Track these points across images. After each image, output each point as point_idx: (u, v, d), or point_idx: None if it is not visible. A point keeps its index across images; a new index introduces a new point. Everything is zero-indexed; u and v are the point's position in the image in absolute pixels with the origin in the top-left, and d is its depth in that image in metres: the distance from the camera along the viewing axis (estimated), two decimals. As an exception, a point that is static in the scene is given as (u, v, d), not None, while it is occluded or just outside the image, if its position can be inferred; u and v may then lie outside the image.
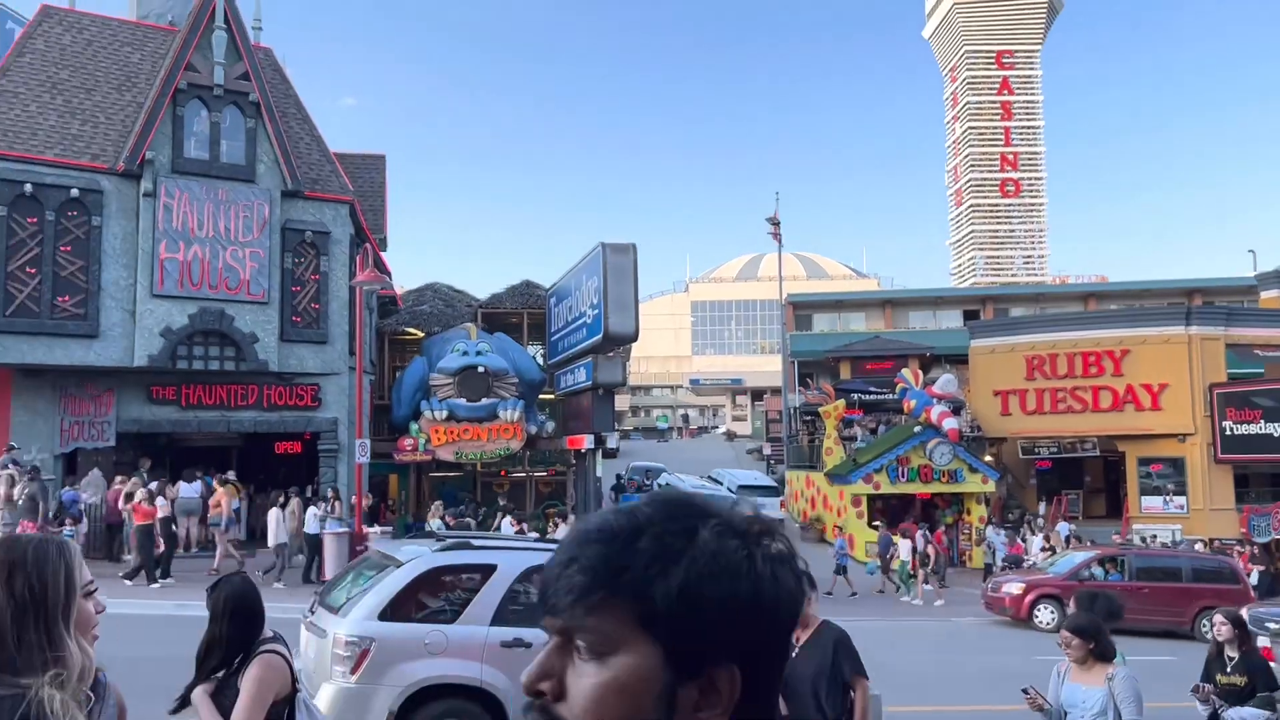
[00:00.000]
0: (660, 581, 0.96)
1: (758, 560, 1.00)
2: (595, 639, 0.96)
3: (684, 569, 0.96)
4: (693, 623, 0.96)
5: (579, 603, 0.97)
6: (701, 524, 1.00)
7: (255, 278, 20.86)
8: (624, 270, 23.92)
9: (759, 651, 1.00)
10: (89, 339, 19.55)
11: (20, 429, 19.76)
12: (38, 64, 20.59)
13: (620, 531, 0.99)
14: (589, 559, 0.98)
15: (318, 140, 22.90)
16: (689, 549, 0.98)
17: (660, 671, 0.95)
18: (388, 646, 7.07)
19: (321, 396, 22.19)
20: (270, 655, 3.61)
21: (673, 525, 1.00)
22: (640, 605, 0.96)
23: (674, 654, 0.95)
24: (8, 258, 18.97)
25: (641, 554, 0.97)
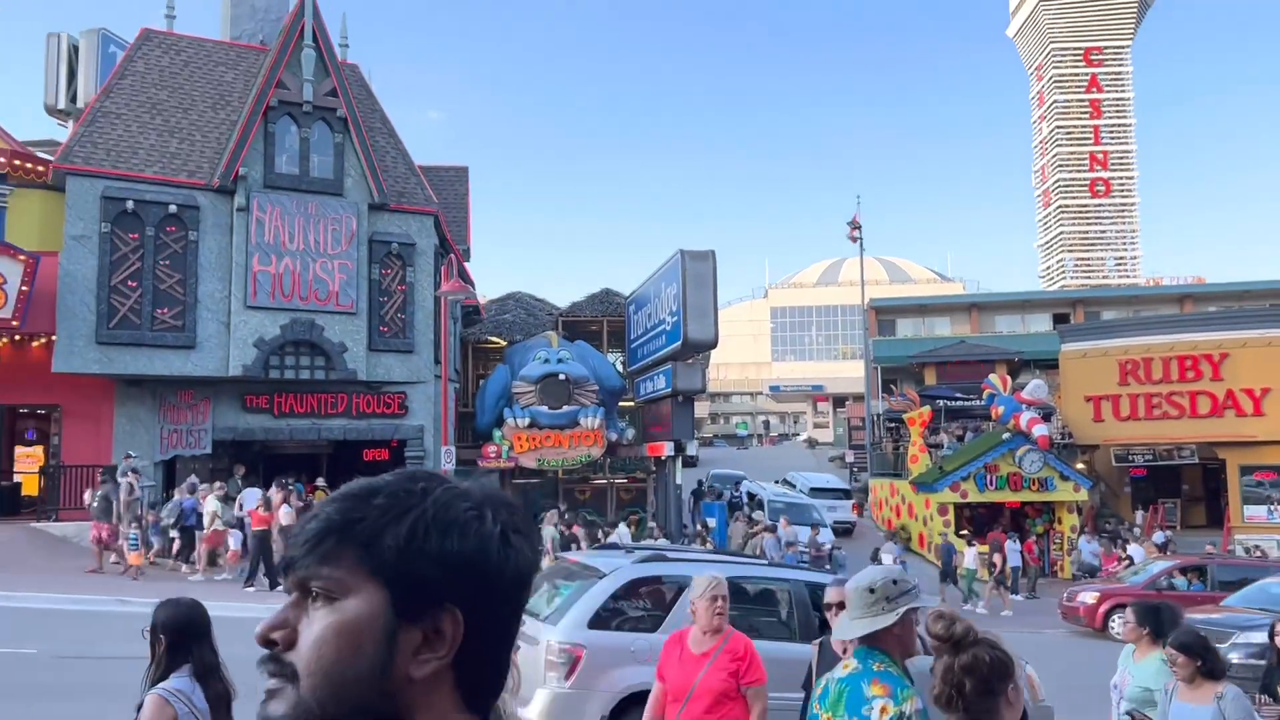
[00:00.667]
0: (390, 530, 1.01)
1: (487, 521, 1.06)
2: (327, 585, 1.01)
3: (412, 519, 1.02)
4: (418, 569, 1.01)
5: (313, 551, 1.02)
6: (437, 487, 1.07)
7: (344, 289, 21.36)
8: (703, 277, 23.88)
9: (484, 605, 1.04)
10: (187, 350, 20.25)
11: (123, 437, 20.56)
12: (138, 85, 21.43)
13: (360, 491, 1.05)
14: (327, 514, 1.04)
15: (403, 154, 23.37)
16: (420, 504, 1.04)
17: (383, 614, 0.99)
18: (598, 654, 7.33)
19: (408, 404, 22.61)
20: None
21: (410, 485, 1.06)
22: (369, 552, 1.01)
23: (399, 598, 1.00)
24: (111, 272, 19.77)
25: (375, 508, 1.03)
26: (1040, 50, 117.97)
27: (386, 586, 1.01)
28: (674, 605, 7.88)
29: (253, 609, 15.13)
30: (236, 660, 5.75)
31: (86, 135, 20.35)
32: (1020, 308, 47.82)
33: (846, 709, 3.11)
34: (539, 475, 27.68)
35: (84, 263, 19.56)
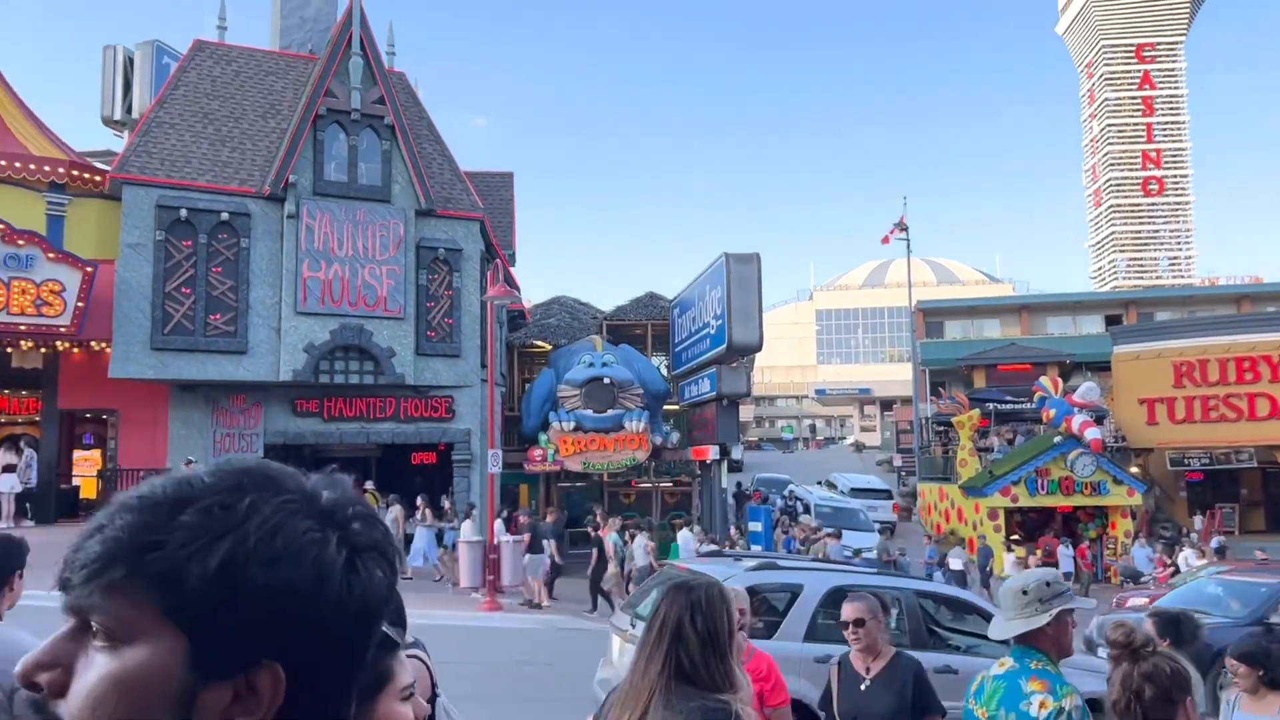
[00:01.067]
0: (197, 562, 0.81)
1: (331, 546, 0.86)
2: (110, 624, 0.81)
3: (228, 548, 0.81)
4: (230, 613, 0.81)
5: (94, 579, 0.81)
6: (269, 498, 0.86)
7: (392, 294, 21.61)
8: (747, 280, 23.81)
9: (319, 654, 0.85)
10: (238, 355, 20.60)
11: (177, 441, 20.96)
12: (191, 95, 21.86)
13: (164, 500, 0.84)
14: (117, 529, 0.83)
15: (449, 160, 23.58)
16: (242, 525, 0.83)
17: (179, 669, 0.80)
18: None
19: (455, 408, 22.79)
20: (411, 660, 3.69)
21: (230, 498, 0.85)
22: (166, 589, 0.80)
23: (203, 649, 0.81)
24: (165, 279, 20.17)
25: (181, 528, 0.82)
26: (1091, 47, 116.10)
27: (186, 633, 0.81)
28: (788, 613, 8.04)
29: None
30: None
31: (141, 145, 20.80)
32: (1071, 309, 47.06)
33: (1003, 704, 3.19)
34: (584, 478, 27.80)
35: (139, 270, 19.99)
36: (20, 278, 18.42)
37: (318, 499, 0.90)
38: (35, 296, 18.53)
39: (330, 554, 0.86)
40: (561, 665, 12.88)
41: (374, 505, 11.54)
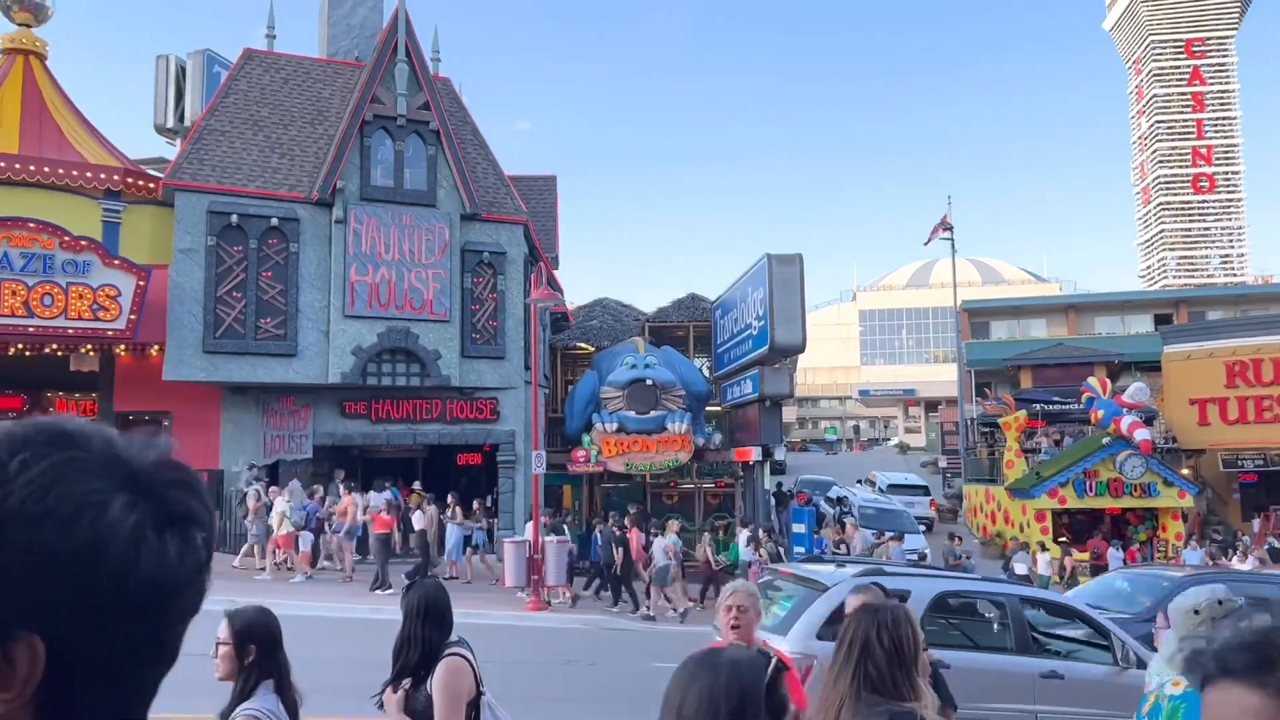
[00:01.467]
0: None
1: (114, 508, 0.78)
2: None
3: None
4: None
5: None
6: (49, 454, 0.78)
7: (437, 297, 21.86)
8: (790, 281, 23.75)
9: (91, 630, 0.77)
10: (288, 358, 20.96)
11: (229, 442, 21.38)
12: (241, 103, 22.29)
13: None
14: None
15: (493, 164, 23.81)
16: (7, 484, 0.76)
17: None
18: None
19: (499, 410, 23.01)
20: (454, 658, 3.76)
21: (9, 451, 0.78)
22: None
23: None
24: (217, 284, 20.59)
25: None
26: (1139, 43, 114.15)
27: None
28: None
29: (384, 610, 15.58)
30: (367, 663, 5.87)
31: (193, 152, 21.24)
32: (1120, 308, 46.36)
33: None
34: (627, 479, 27.87)
35: (191, 275, 20.42)
36: (78, 283, 18.90)
37: (122, 461, 0.81)
38: (92, 301, 18.99)
39: (113, 517, 0.77)
40: (606, 664, 12.98)
41: (420, 504, 11.71)
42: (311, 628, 12.23)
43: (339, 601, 16.39)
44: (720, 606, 4.08)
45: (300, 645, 4.04)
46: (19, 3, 25.40)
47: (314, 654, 7.53)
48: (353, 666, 6.36)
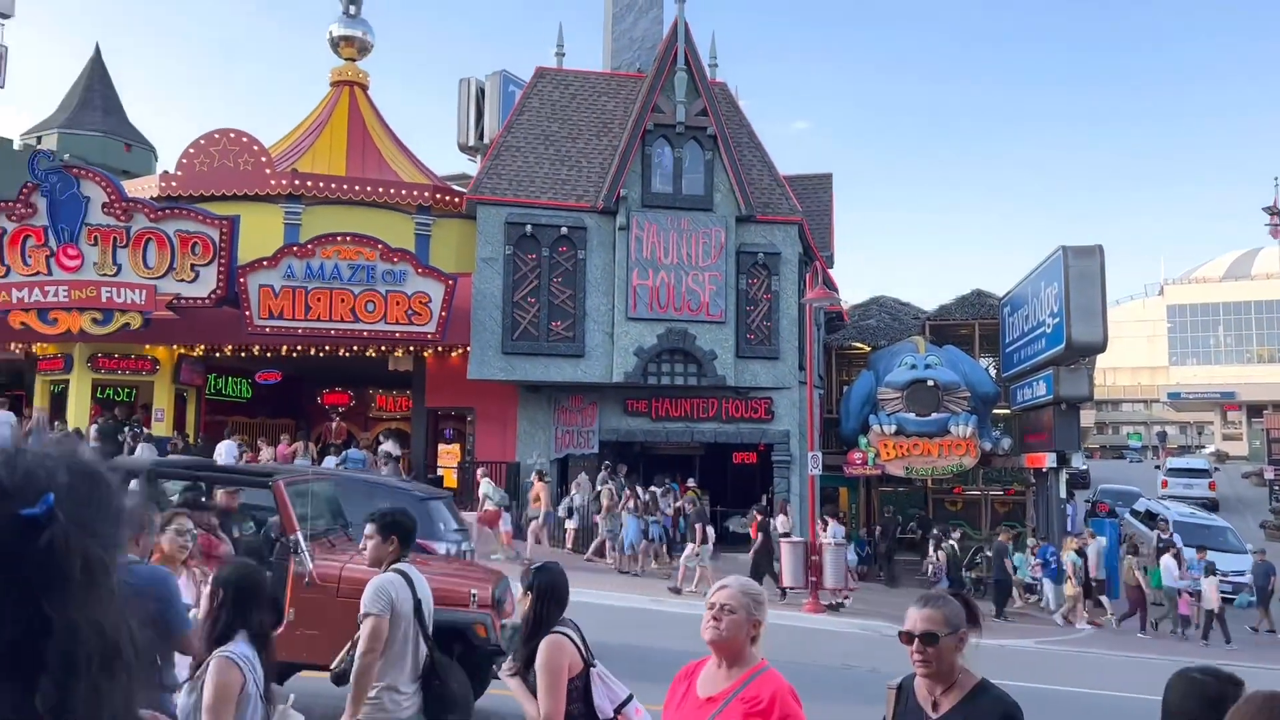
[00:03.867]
0: None
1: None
2: None
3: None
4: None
5: None
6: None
7: (714, 299, 22.28)
8: (1088, 274, 22.22)
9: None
10: (576, 358, 22.13)
11: (524, 437, 22.89)
12: (534, 120, 23.76)
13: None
14: None
15: (768, 166, 23.94)
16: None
17: None
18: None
19: (774, 410, 23.10)
20: (555, 636, 3.99)
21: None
22: None
23: None
24: (514, 290, 22.09)
25: None
26: None
27: None
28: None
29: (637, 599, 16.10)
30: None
31: (492, 168, 22.90)
32: None
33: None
34: (907, 484, 27.12)
35: (491, 282, 22.02)
36: (395, 291, 20.91)
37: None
38: (407, 307, 20.95)
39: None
40: (888, 671, 12.70)
41: (696, 500, 11.94)
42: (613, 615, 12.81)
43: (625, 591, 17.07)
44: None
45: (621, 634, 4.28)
46: (346, 40, 28.47)
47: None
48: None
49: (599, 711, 3.97)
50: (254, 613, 3.64)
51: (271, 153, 24.74)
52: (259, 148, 23.96)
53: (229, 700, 3.43)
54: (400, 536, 4.70)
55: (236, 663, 3.48)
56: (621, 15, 25.86)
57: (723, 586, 3.24)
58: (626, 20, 25.85)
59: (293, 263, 20.59)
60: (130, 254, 20.30)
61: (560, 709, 3.83)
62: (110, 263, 20.28)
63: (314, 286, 20.59)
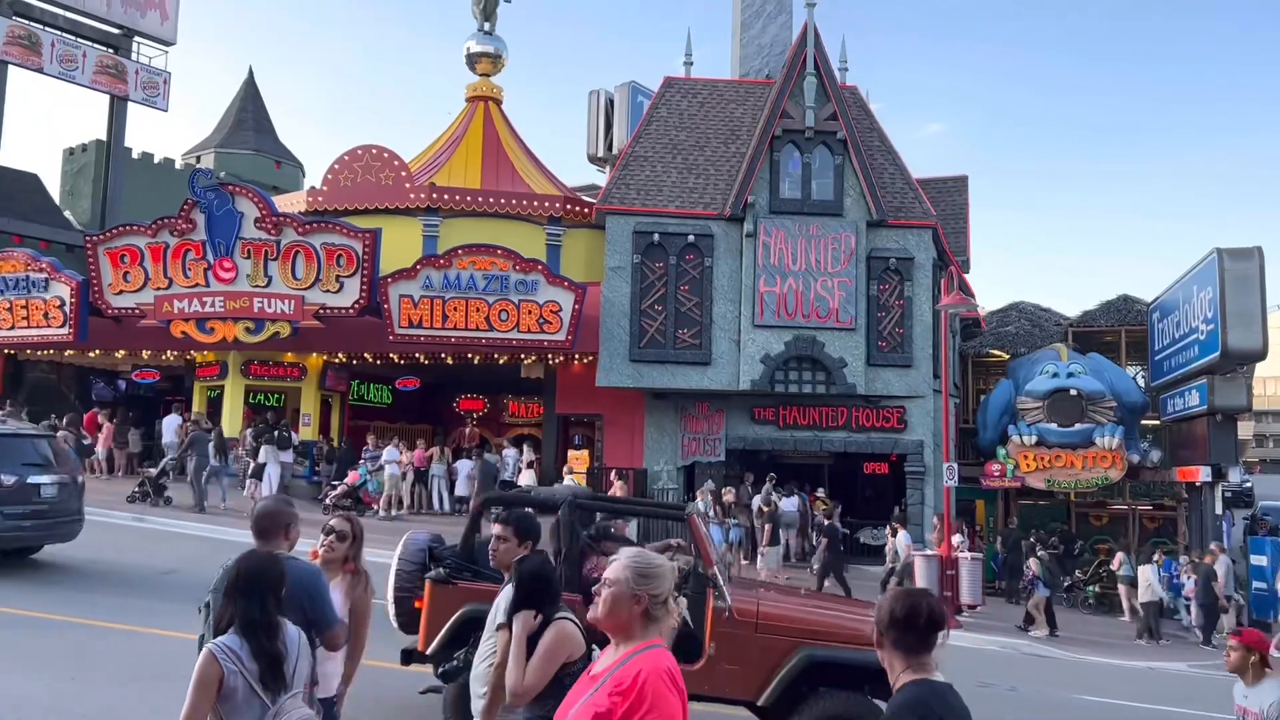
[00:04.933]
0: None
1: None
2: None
3: None
4: None
5: None
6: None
7: (843, 306, 21.96)
8: (1246, 278, 21.01)
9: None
10: (703, 366, 22.14)
11: (651, 444, 23.02)
12: (661, 129, 23.93)
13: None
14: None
15: (900, 169, 23.47)
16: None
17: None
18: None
19: (907, 419, 22.58)
20: (563, 622, 4.06)
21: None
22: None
23: None
24: (641, 298, 22.27)
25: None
26: None
27: None
28: None
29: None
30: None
31: (621, 178, 23.17)
32: None
33: None
34: (1048, 496, 26.10)
35: (619, 290, 22.26)
36: (527, 300, 21.37)
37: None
38: (539, 316, 21.39)
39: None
40: (1028, 691, 12.26)
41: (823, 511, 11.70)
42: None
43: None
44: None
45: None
46: (481, 56, 29.31)
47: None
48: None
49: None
50: (245, 601, 3.60)
51: (411, 167, 25.67)
52: (399, 163, 24.90)
53: (203, 690, 3.46)
54: (535, 539, 4.79)
55: (215, 655, 3.50)
56: (750, 22, 25.81)
57: (620, 555, 3.00)
58: (755, 27, 25.78)
59: (431, 273, 21.30)
60: (280, 266, 21.38)
61: (538, 689, 3.94)
62: (262, 275, 21.40)
63: (451, 296, 21.24)
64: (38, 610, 10.13)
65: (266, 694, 3.52)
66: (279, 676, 3.56)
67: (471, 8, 29.65)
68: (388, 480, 21.41)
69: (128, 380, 26.95)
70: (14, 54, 28.46)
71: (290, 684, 3.61)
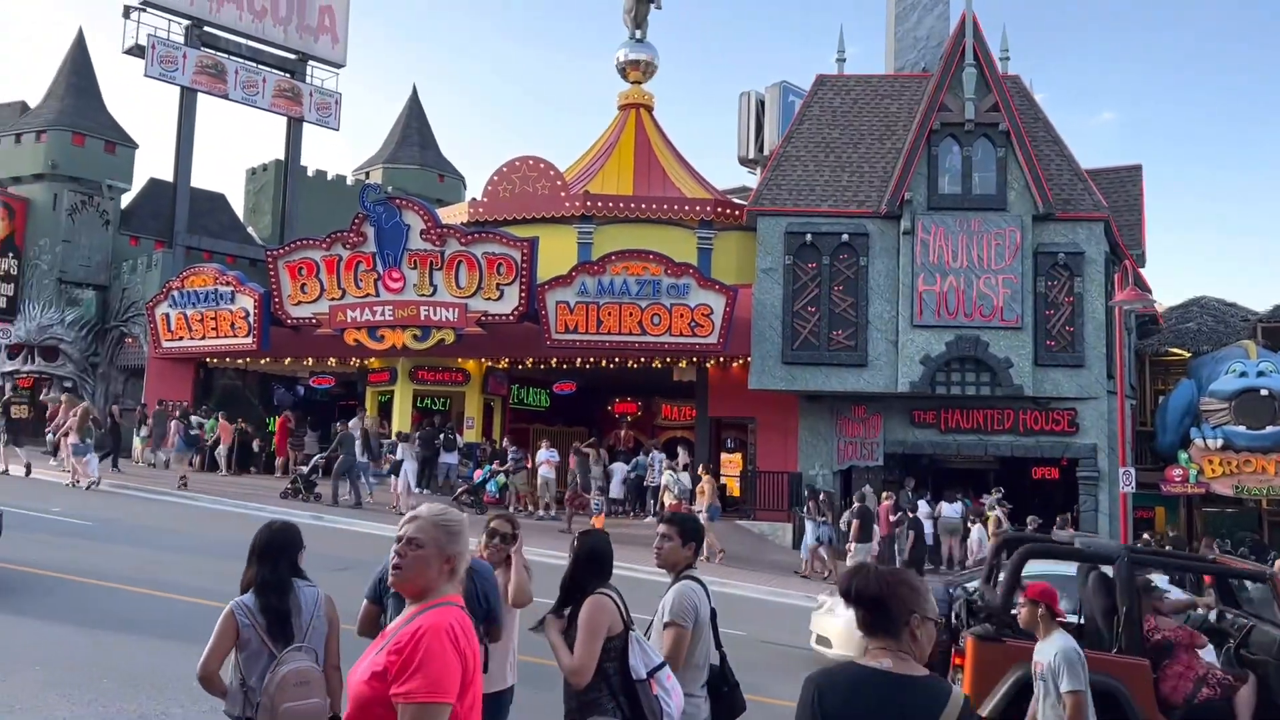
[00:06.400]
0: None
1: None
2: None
3: None
4: None
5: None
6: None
7: (1008, 304, 21.14)
8: None
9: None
10: (859, 368, 21.71)
11: (805, 448, 22.73)
12: (813, 128, 23.62)
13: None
14: None
15: (1068, 160, 22.41)
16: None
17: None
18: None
19: (1078, 421, 21.53)
20: (599, 596, 4.17)
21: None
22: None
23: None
24: (793, 299, 22.03)
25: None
26: None
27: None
28: None
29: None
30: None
31: (772, 179, 22.99)
32: None
33: None
34: (1235, 504, 24.38)
35: (771, 292, 22.09)
36: (679, 304, 21.48)
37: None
38: (690, 319, 21.46)
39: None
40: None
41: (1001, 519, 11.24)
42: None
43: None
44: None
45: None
46: (633, 64, 29.67)
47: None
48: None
49: (633, 672, 4.13)
50: (260, 565, 4.16)
51: (566, 176, 26.22)
52: (555, 173, 25.48)
53: (220, 638, 4.02)
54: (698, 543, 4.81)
55: (234, 611, 4.05)
56: (905, 15, 25.17)
57: (413, 518, 2.79)
58: (910, 20, 25.12)
59: (585, 279, 21.69)
60: (444, 276, 22.21)
61: (590, 663, 4.06)
62: (427, 284, 22.28)
63: (605, 301, 21.57)
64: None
65: (275, 645, 3.99)
66: (286, 631, 4.04)
67: (623, 16, 30.05)
68: (540, 483, 21.92)
69: (306, 386, 28.56)
70: (202, 82, 30.61)
71: (299, 638, 4.06)
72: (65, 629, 8.72)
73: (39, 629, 8.72)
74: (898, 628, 2.47)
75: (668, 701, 4.12)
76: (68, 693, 6.97)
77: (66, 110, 31.03)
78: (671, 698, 4.12)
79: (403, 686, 2.52)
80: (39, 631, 8.64)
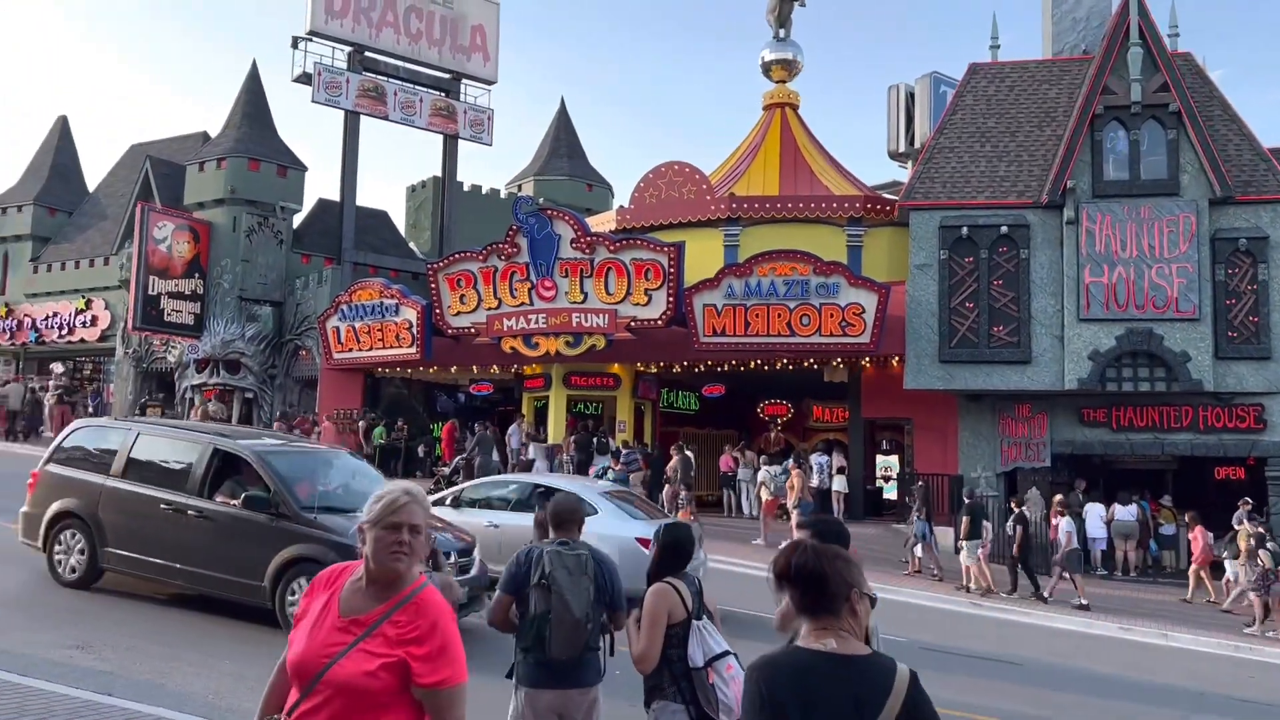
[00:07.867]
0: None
1: None
2: None
3: None
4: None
5: None
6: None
7: (1184, 294, 19.94)
8: None
9: None
10: (1022, 365, 20.88)
11: (966, 449, 21.96)
12: (968, 118, 22.86)
13: None
14: None
15: (1249, 139, 20.95)
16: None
17: None
18: None
19: (1266, 417, 20.08)
20: (661, 585, 4.38)
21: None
22: None
23: None
24: (950, 295, 21.37)
25: None
26: None
27: None
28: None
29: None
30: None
31: (924, 172, 22.38)
32: None
33: None
34: None
35: (925, 289, 21.50)
36: (829, 303, 21.17)
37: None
38: (840, 319, 21.12)
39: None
40: None
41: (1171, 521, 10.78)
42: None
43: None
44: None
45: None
46: (777, 64, 29.46)
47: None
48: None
49: (690, 660, 4.26)
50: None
51: (711, 179, 26.26)
52: (700, 176, 25.55)
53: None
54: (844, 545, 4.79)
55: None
56: (1062, -4, 24.07)
57: (404, 503, 2.68)
58: (1068, 1, 24.00)
59: (732, 282, 21.66)
60: (594, 283, 22.59)
61: (653, 650, 4.26)
62: (578, 291, 22.72)
63: (752, 303, 21.48)
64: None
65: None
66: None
67: (766, 16, 29.89)
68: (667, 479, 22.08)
69: (466, 393, 29.57)
70: (364, 105, 32.11)
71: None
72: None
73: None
74: (839, 605, 2.45)
75: (724, 691, 4.19)
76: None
77: (243, 138, 33.11)
78: (730, 687, 4.19)
79: (438, 675, 2.60)
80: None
